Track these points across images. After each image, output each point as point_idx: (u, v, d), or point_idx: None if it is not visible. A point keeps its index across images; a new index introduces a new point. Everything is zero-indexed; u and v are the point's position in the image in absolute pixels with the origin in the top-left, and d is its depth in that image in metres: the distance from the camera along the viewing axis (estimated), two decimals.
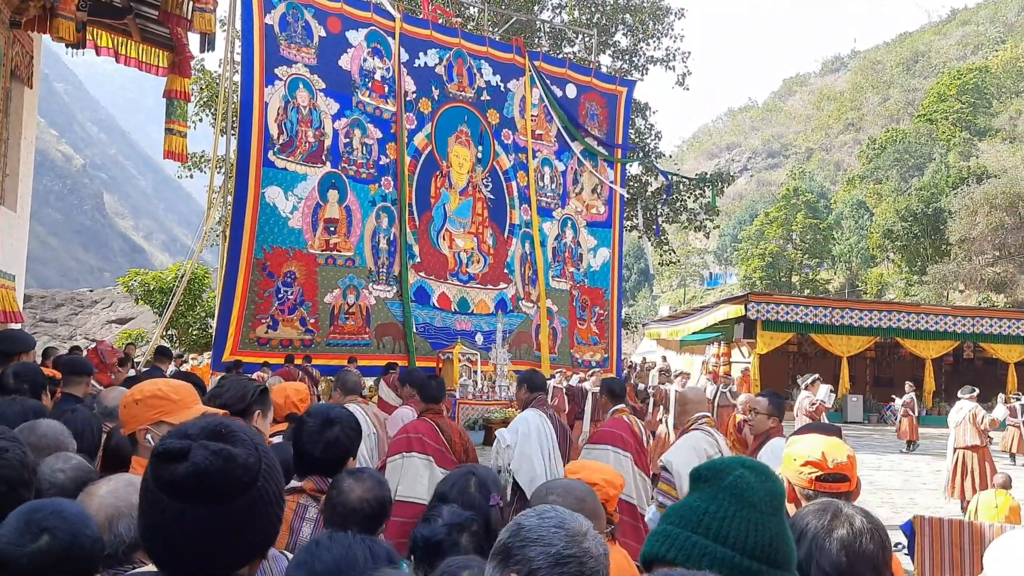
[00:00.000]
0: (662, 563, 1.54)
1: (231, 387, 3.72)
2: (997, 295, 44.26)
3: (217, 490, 1.40)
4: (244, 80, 16.37)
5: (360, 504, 2.56)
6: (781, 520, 1.58)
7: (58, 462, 2.53)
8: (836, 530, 1.80)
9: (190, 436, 1.45)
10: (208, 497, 1.39)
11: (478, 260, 19.47)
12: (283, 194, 16.49)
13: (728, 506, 1.53)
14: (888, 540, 1.83)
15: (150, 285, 23.33)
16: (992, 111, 64.04)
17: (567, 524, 1.51)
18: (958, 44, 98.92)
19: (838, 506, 1.87)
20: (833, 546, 1.78)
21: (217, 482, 1.39)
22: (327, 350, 16.60)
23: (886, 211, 49.96)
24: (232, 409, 3.60)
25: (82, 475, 2.49)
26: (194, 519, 1.39)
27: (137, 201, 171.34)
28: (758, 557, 1.50)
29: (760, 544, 1.50)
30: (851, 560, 1.77)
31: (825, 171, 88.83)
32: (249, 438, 1.49)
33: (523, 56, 20.82)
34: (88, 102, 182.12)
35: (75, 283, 71.05)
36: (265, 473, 1.47)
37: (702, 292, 70.01)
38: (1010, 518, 7.92)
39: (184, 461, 1.40)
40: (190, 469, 1.39)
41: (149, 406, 2.89)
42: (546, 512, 1.53)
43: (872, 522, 1.83)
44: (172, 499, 1.39)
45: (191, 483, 1.39)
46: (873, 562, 1.78)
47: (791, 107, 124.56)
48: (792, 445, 2.59)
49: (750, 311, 25.59)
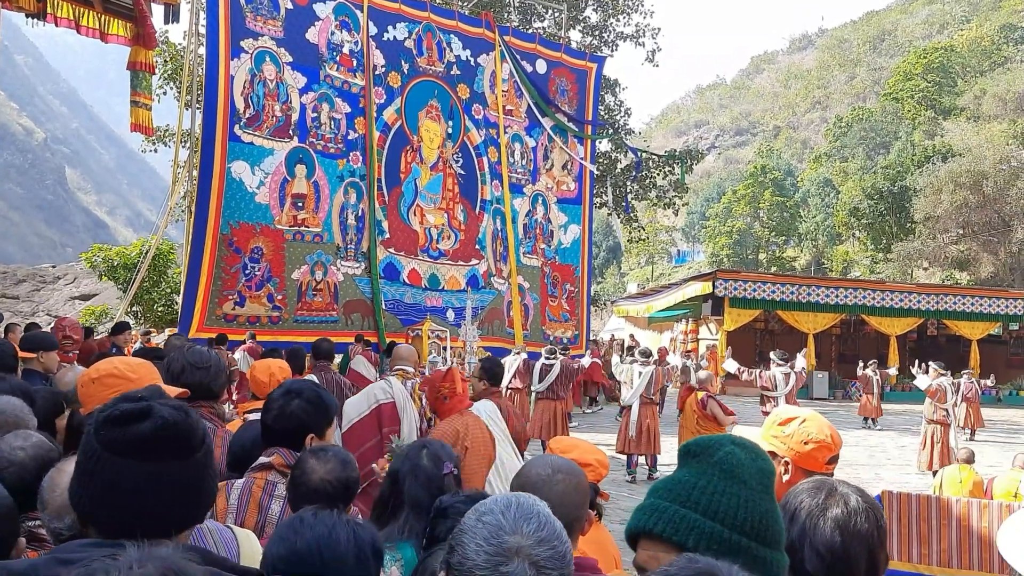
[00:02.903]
0: (649, 537, 1.51)
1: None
2: (961, 273, 44.96)
3: (183, 444, 1.44)
4: (209, 53, 16.05)
5: (322, 485, 2.51)
6: (771, 498, 1.56)
7: (17, 439, 2.46)
8: (830, 509, 1.78)
9: (142, 399, 1.47)
10: (175, 452, 1.43)
11: (449, 236, 19.36)
12: (249, 169, 16.24)
13: (718, 481, 1.51)
14: (883, 520, 1.81)
15: (114, 261, 22.94)
16: (957, 90, 64.66)
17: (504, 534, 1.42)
18: (924, 23, 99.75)
19: (832, 485, 1.84)
20: (827, 525, 1.75)
21: (183, 435, 1.44)
22: (295, 327, 16.45)
23: (852, 189, 50.47)
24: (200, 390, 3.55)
25: (43, 453, 2.42)
26: (146, 474, 1.40)
27: (100, 176, 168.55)
28: (747, 533, 1.47)
29: (750, 520, 1.48)
30: (845, 540, 1.74)
31: (792, 149, 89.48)
32: (181, 404, 1.53)
33: (493, 31, 20.63)
34: (49, 75, 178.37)
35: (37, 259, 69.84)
36: (207, 431, 1.53)
37: (670, 269, 70.39)
38: (974, 492, 8.07)
39: (147, 419, 1.41)
40: (159, 423, 1.41)
41: (106, 385, 2.84)
42: (486, 513, 1.44)
43: (867, 501, 1.81)
44: (135, 459, 1.40)
45: (161, 437, 1.41)
46: (868, 542, 1.76)
47: (759, 85, 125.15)
48: (798, 424, 2.49)
49: (718, 288, 25.75)
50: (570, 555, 1.42)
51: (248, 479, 2.90)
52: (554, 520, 1.44)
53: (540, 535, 1.38)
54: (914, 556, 6.74)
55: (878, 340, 28.90)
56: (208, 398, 3.51)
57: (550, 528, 1.41)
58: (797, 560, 1.67)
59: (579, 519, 2.23)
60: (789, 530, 1.70)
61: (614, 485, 11.32)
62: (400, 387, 5.44)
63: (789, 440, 2.49)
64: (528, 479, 2.24)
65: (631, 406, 12.08)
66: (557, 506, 2.12)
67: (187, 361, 3.51)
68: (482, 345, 18.47)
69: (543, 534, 1.39)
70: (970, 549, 6.59)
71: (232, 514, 2.80)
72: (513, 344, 18.68)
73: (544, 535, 1.39)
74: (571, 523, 2.19)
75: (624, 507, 9.82)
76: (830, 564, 1.73)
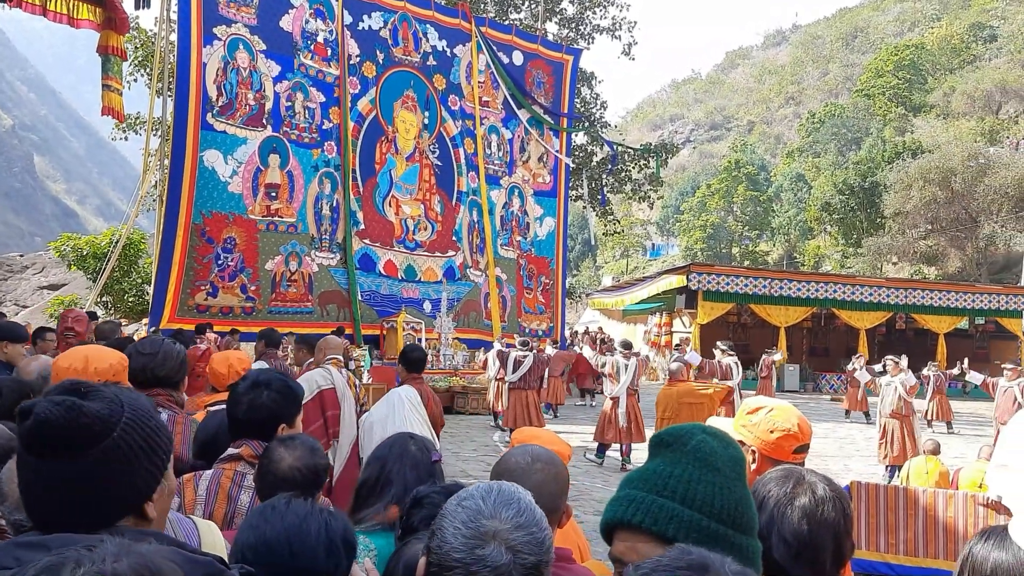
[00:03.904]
0: (626, 528, 1.51)
1: None
2: (929, 267, 45.49)
3: (63, 441, 1.39)
4: (181, 39, 15.87)
5: (291, 473, 2.49)
6: (744, 485, 1.57)
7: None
8: (798, 498, 1.79)
9: (48, 394, 1.45)
10: (55, 449, 1.39)
11: (425, 227, 19.31)
12: (222, 158, 16.10)
13: (693, 470, 1.51)
14: (849, 508, 1.83)
15: (83, 250, 22.62)
16: (927, 87, 65.34)
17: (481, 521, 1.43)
18: (895, 21, 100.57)
19: (800, 474, 1.85)
20: (795, 514, 1.77)
21: (60, 432, 1.39)
22: (269, 318, 16.33)
23: (824, 184, 50.86)
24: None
25: (3, 443, 2.39)
26: (47, 472, 1.40)
27: (69, 164, 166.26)
28: (725, 521, 1.48)
29: (726, 508, 1.49)
30: (812, 528, 1.76)
31: (766, 144, 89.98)
32: (114, 395, 1.48)
33: (469, 21, 20.58)
34: (16, 60, 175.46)
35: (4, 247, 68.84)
36: (127, 425, 1.45)
37: (644, 263, 70.60)
38: (940, 483, 8.18)
39: (30, 416, 1.40)
40: (32, 421, 1.40)
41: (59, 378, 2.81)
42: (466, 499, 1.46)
43: (834, 490, 1.83)
44: (28, 455, 1.41)
45: (35, 435, 1.39)
46: (834, 530, 1.78)
47: (733, 80, 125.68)
48: (759, 414, 2.53)
49: (691, 282, 25.88)
50: (549, 542, 1.43)
51: (217, 470, 2.88)
52: (535, 508, 1.45)
53: (518, 521, 1.39)
54: (881, 545, 6.83)
55: (848, 334, 29.21)
56: (157, 385, 3.52)
57: (529, 515, 1.42)
58: (765, 548, 1.68)
59: (557, 509, 2.23)
60: (758, 519, 1.71)
61: (587, 476, 11.38)
62: (338, 374, 5.73)
63: (755, 429, 2.51)
64: (507, 468, 2.24)
65: (619, 397, 12.22)
66: (536, 496, 2.12)
67: (135, 348, 3.58)
68: (458, 337, 18.47)
69: (521, 520, 1.39)
70: (936, 538, 6.69)
71: (200, 505, 2.79)
72: (491, 336, 18.73)
73: (522, 521, 1.39)
74: (549, 513, 2.19)
75: (597, 498, 9.85)
76: (797, 552, 1.75)
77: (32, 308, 27.68)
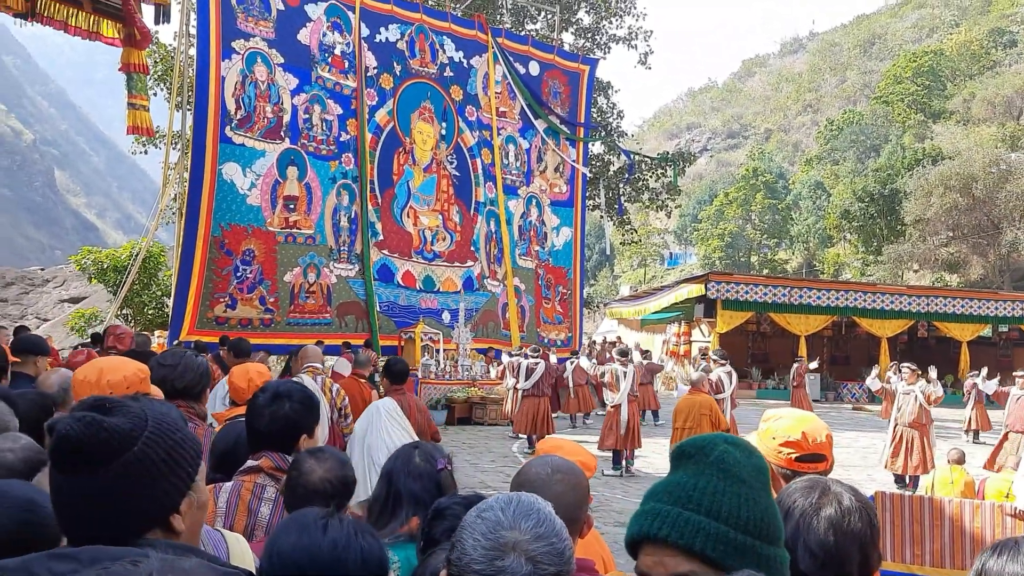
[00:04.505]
0: (652, 542, 1.48)
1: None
2: (951, 275, 45.09)
3: (83, 456, 1.41)
4: (200, 53, 16.01)
5: (322, 484, 2.51)
6: (769, 495, 1.54)
7: (6, 442, 2.44)
8: (824, 508, 1.77)
9: (73, 410, 1.48)
10: (76, 464, 1.42)
11: (444, 238, 19.34)
12: (241, 170, 16.21)
13: (717, 481, 1.48)
14: (876, 519, 1.80)
15: (104, 263, 22.81)
16: (946, 94, 64.89)
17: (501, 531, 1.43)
18: (914, 27, 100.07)
19: (826, 484, 1.83)
20: (820, 525, 1.75)
21: (80, 448, 1.41)
22: (287, 329, 16.41)
23: (843, 192, 50.57)
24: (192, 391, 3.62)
25: (32, 455, 2.40)
26: (72, 487, 1.42)
27: (89, 178, 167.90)
28: (752, 532, 1.45)
29: (753, 518, 1.46)
30: (838, 539, 1.73)
31: (784, 152, 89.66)
32: (140, 410, 1.49)
33: (486, 33, 20.65)
34: (38, 76, 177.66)
35: (25, 261, 69.53)
36: (148, 439, 1.46)
37: (662, 272, 70.44)
38: (965, 493, 8.06)
39: (53, 432, 1.44)
40: (55, 437, 1.43)
41: (77, 393, 2.83)
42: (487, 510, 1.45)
43: (860, 500, 1.80)
44: (54, 470, 1.45)
45: (58, 451, 1.43)
46: (861, 541, 1.75)
47: (750, 88, 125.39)
48: (771, 422, 2.53)
49: (710, 290, 25.77)
50: (570, 553, 1.42)
51: (236, 482, 2.88)
52: (555, 518, 1.44)
53: (538, 531, 1.38)
54: (907, 557, 6.74)
55: (869, 342, 28.96)
56: (178, 396, 3.55)
57: (549, 525, 1.41)
58: (791, 559, 1.65)
59: (577, 520, 2.22)
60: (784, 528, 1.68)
61: (607, 487, 11.32)
62: (311, 382, 6.07)
63: (763, 435, 2.52)
64: (527, 479, 2.24)
65: (620, 404, 12.23)
66: (555, 506, 2.11)
67: (156, 360, 3.65)
68: (475, 347, 18.45)
69: (541, 530, 1.39)
70: (963, 549, 6.60)
71: (221, 518, 2.78)
72: (510, 346, 18.75)
73: (542, 531, 1.39)
74: (569, 523, 2.18)
75: (617, 508, 9.79)
76: (823, 563, 1.72)
77: (53, 321, 27.93)
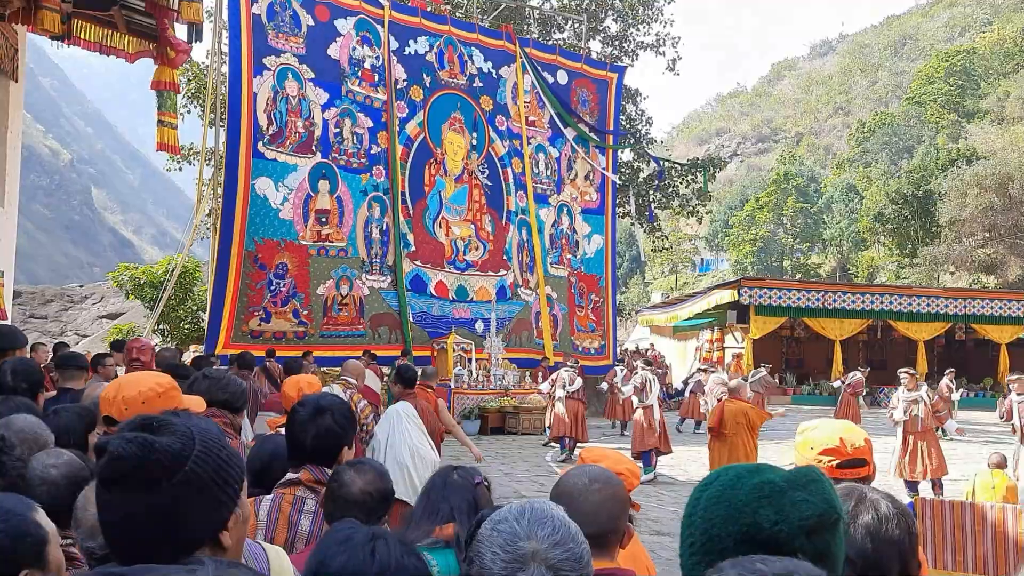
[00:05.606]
0: None
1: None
2: (987, 276, 44.38)
3: (136, 477, 1.42)
4: (232, 71, 16.24)
5: (362, 497, 2.55)
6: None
7: (50, 458, 2.50)
8: (861, 516, 1.76)
9: (121, 430, 1.49)
10: (128, 484, 1.42)
11: (477, 247, 19.41)
12: (273, 185, 16.39)
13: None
14: (914, 526, 1.79)
15: (140, 279, 23.15)
16: (980, 93, 64.01)
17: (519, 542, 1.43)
18: (945, 26, 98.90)
19: (862, 491, 1.82)
20: (858, 532, 1.74)
21: (133, 469, 1.42)
22: (321, 342, 16.53)
23: (876, 194, 49.98)
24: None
25: (74, 471, 2.45)
26: (123, 506, 1.43)
27: (125, 195, 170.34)
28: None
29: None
30: (877, 546, 1.73)
31: (815, 155, 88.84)
32: (186, 428, 1.50)
33: (513, 43, 20.73)
34: (74, 96, 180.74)
35: (64, 278, 70.65)
36: (198, 458, 1.47)
37: (694, 278, 70.01)
38: (1007, 497, 7.95)
39: (103, 454, 1.45)
40: (106, 458, 1.44)
41: (136, 407, 2.85)
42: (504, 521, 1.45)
43: (898, 507, 1.79)
44: (104, 490, 1.45)
45: (109, 471, 1.43)
46: (899, 548, 1.74)
47: (780, 92, 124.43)
48: (807, 432, 2.53)
49: (743, 296, 25.61)
50: (587, 556, 1.43)
51: (276, 495, 2.91)
52: (569, 523, 1.45)
53: (555, 538, 1.39)
54: (949, 563, 6.65)
55: (906, 346, 28.58)
56: (218, 406, 3.66)
57: (565, 531, 1.42)
58: None
59: (616, 530, 2.22)
60: None
61: (641, 495, 11.27)
62: (341, 392, 6.20)
63: (801, 447, 2.54)
64: (565, 489, 2.24)
65: (652, 406, 12.56)
66: (594, 516, 2.12)
67: (202, 373, 3.85)
68: (508, 356, 18.46)
69: (557, 537, 1.40)
70: (1006, 554, 6.50)
71: (262, 531, 2.81)
72: (541, 355, 18.82)
73: (559, 538, 1.40)
74: (608, 534, 2.18)
75: (652, 516, 9.74)
76: (862, 571, 1.72)
77: (92, 337, 28.36)
